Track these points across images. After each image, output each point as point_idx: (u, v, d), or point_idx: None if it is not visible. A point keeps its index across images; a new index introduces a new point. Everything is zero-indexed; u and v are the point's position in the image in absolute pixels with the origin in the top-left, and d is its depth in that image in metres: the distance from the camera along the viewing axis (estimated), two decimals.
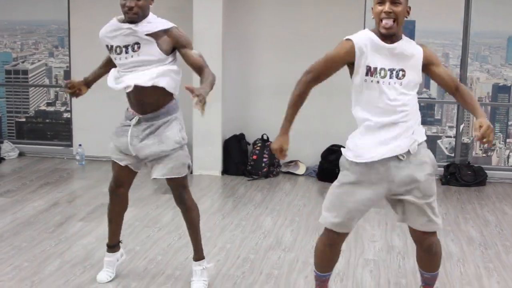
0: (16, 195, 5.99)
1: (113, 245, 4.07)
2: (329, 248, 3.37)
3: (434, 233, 3.34)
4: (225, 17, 6.78)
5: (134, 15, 3.52)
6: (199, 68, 3.59)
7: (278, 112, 6.92)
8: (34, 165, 7.25)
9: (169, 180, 3.79)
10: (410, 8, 3.14)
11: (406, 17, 3.14)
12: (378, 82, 3.11)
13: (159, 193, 6.04)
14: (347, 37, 3.15)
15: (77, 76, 7.21)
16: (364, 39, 3.13)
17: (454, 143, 7.10)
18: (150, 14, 3.63)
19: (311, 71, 3.20)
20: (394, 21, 3.06)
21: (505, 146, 7.14)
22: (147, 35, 3.56)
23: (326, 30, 6.86)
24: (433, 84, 6.93)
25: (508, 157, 7.12)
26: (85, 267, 4.26)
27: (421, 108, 7.05)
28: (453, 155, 7.09)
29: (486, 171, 6.77)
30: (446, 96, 7.14)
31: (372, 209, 3.49)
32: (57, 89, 8.20)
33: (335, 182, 3.31)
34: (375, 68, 3.11)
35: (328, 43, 7.03)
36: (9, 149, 7.60)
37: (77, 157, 7.33)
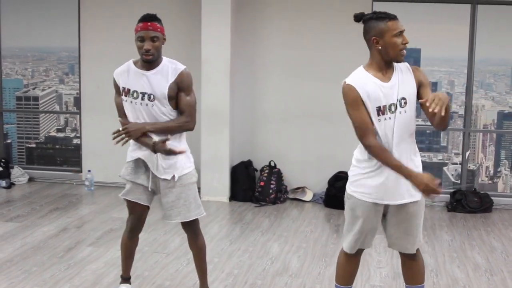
0: (26, 220, 6.05)
1: (128, 278, 4.15)
2: (347, 260, 3.57)
3: None
4: (233, 44, 6.87)
5: (150, 56, 3.62)
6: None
7: (285, 139, 7.09)
8: (43, 190, 7.32)
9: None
10: None
11: None
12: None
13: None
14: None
15: (88, 101, 7.36)
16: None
17: (460, 169, 7.13)
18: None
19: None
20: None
21: (510, 173, 7.17)
22: None
23: (333, 56, 6.93)
24: None
25: None
26: None
27: (427, 135, 7.12)
28: (459, 181, 7.12)
29: (492, 198, 6.80)
30: (451, 123, 7.19)
31: (378, 235, 3.54)
32: (67, 115, 8.30)
33: (345, 207, 3.49)
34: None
35: (334, 69, 7.09)
36: (19, 174, 7.68)
37: (86, 183, 7.40)
